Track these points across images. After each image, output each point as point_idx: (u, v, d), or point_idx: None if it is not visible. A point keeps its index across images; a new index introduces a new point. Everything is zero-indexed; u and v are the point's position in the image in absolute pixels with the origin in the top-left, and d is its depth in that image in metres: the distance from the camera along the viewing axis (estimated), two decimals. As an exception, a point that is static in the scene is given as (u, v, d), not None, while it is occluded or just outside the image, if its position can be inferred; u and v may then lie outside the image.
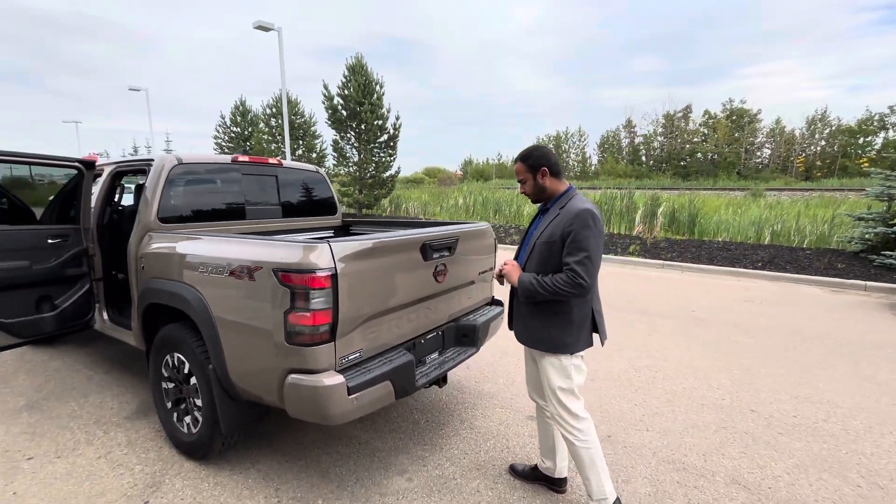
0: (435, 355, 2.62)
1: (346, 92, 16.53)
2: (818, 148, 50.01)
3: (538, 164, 2.02)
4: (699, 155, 50.44)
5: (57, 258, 3.06)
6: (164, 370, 2.63)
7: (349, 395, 1.91)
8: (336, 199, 4.19)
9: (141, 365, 3.78)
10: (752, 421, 3.05)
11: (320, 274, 1.87)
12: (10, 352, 4.11)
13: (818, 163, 48.04)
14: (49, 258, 3.03)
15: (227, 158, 3.30)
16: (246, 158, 3.38)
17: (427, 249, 2.39)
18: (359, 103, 16.27)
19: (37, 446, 2.68)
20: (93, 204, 3.34)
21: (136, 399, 3.27)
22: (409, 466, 2.52)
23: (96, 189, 3.47)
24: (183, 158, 2.98)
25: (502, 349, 4.18)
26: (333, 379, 1.90)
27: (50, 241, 3.05)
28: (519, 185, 2.12)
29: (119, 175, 3.47)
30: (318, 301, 1.88)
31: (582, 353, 2.03)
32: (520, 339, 2.16)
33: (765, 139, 50.98)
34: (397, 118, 16.94)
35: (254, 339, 2.05)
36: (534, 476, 2.39)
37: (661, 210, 12.05)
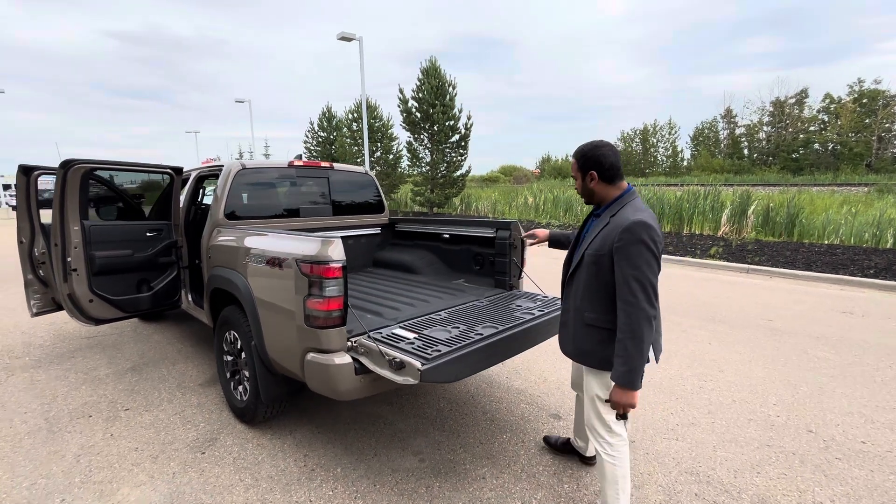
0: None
1: (420, 95, 17.15)
2: (984, 132, 40.92)
3: (587, 166, 1.86)
4: (816, 146, 43.89)
5: (153, 248, 3.71)
6: (224, 345, 3.08)
7: (356, 374, 2.13)
8: (384, 198, 4.49)
9: (218, 342, 4.40)
10: (805, 442, 2.76)
11: (333, 265, 2.11)
12: (126, 324, 5.01)
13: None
14: (146, 248, 3.68)
15: (285, 163, 3.73)
16: (300, 163, 3.79)
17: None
18: (431, 105, 16.78)
19: (132, 400, 3.30)
20: (181, 203, 3.97)
21: (210, 370, 3.83)
22: (424, 448, 2.69)
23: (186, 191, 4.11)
24: (246, 164, 3.44)
25: (540, 348, 4.17)
26: (343, 359, 2.13)
27: (147, 234, 3.70)
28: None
29: (202, 178, 4.08)
30: (332, 289, 2.12)
31: None
32: (564, 351, 2.06)
33: (906, 124, 42.85)
34: (469, 118, 17.19)
35: (283, 320, 2.36)
36: (565, 448, 2.55)
37: (752, 209, 10.86)
